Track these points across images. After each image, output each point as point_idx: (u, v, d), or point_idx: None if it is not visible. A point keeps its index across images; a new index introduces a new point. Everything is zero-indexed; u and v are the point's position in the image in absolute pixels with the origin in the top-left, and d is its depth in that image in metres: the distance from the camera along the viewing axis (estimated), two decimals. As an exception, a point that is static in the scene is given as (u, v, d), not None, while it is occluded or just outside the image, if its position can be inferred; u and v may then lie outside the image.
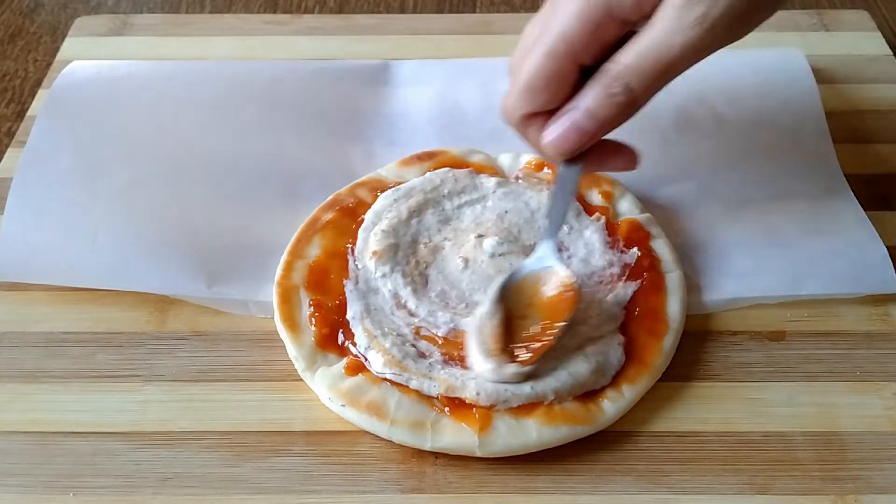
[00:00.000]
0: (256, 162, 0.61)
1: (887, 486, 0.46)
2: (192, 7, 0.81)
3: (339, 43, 0.73)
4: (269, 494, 0.46)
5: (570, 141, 0.46)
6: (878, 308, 0.54)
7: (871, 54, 0.71)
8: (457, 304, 0.52)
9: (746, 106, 0.64)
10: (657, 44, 0.43)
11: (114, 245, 0.55)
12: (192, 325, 0.53)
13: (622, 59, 0.44)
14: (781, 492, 0.46)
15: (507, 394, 0.47)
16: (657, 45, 0.43)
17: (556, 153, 0.47)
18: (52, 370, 0.51)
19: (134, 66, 0.68)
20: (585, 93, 0.45)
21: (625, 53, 0.44)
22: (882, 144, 0.64)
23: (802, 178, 0.60)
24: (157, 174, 0.59)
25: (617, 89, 0.44)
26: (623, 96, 0.44)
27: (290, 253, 0.54)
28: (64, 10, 0.80)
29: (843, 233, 0.56)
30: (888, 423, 0.48)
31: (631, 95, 0.44)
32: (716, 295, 0.54)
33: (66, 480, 0.46)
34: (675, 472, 0.47)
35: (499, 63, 0.68)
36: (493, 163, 0.60)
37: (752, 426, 0.48)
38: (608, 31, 0.44)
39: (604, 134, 0.47)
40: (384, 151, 0.62)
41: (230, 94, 0.65)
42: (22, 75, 0.73)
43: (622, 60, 0.44)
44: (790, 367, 0.51)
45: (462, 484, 0.46)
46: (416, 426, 0.47)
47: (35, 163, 0.59)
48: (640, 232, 0.55)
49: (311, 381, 0.49)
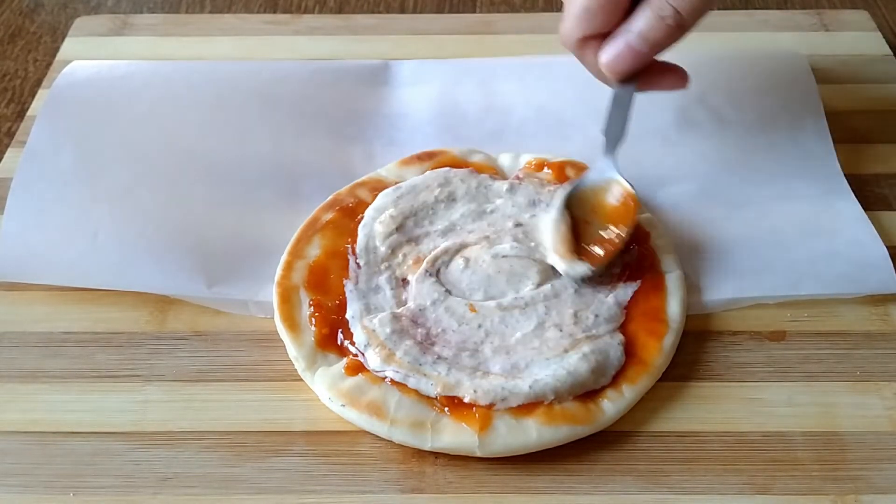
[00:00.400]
0: (256, 162, 0.61)
1: (887, 486, 0.46)
2: (192, 7, 0.81)
3: (339, 43, 0.73)
4: (269, 494, 0.46)
5: (625, 61, 0.50)
6: (878, 308, 0.54)
7: (871, 54, 0.71)
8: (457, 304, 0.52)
9: (746, 106, 0.64)
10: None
11: (114, 245, 0.55)
12: (192, 325, 0.53)
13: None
14: (781, 492, 0.46)
15: (505, 392, 0.47)
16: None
17: (612, 73, 0.50)
18: (52, 370, 0.51)
19: (134, 66, 0.68)
20: (637, 17, 0.49)
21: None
22: (882, 144, 0.64)
23: (802, 178, 0.60)
24: (157, 174, 0.59)
25: (667, 12, 0.48)
26: (672, 19, 0.48)
27: (290, 253, 0.54)
28: (64, 10, 0.80)
29: (843, 233, 0.56)
30: (888, 423, 0.49)
31: (679, 19, 0.48)
32: (716, 295, 0.54)
33: (66, 480, 0.46)
34: (675, 472, 0.47)
35: (499, 63, 0.69)
36: (493, 163, 0.61)
37: (752, 426, 0.48)
38: None
39: (655, 55, 0.50)
40: (384, 151, 0.62)
41: (230, 95, 0.65)
42: (22, 75, 0.73)
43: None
44: (790, 367, 0.51)
45: (462, 484, 0.46)
46: (416, 426, 0.47)
47: (35, 163, 0.59)
48: (640, 232, 0.55)
49: (311, 381, 0.49)
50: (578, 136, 0.62)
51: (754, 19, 0.75)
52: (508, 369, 0.48)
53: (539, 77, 0.67)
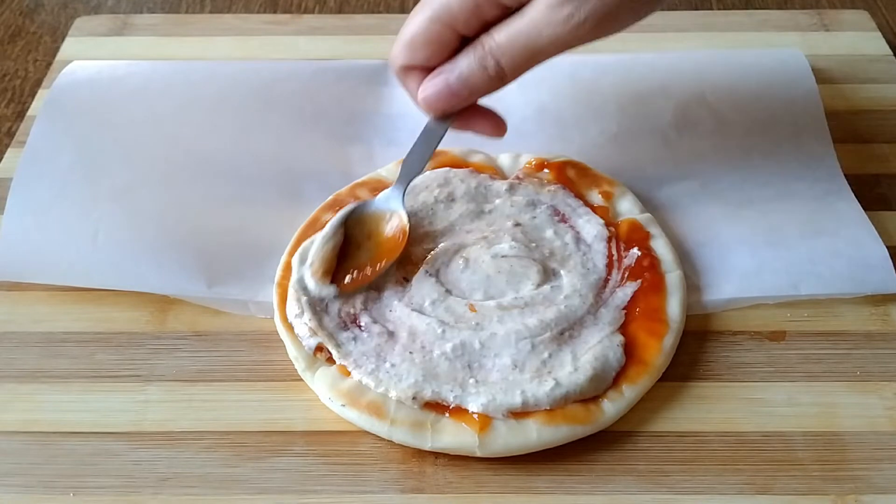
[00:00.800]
0: (256, 162, 0.61)
1: (887, 486, 0.46)
2: (192, 7, 0.81)
3: (339, 43, 0.73)
4: (269, 494, 0.46)
5: (442, 100, 0.50)
6: (878, 308, 0.54)
7: (871, 54, 0.71)
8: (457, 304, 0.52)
9: (746, 106, 0.64)
10: (527, 30, 0.46)
11: (114, 245, 0.55)
12: (192, 325, 0.53)
13: (496, 35, 0.47)
14: (781, 492, 0.46)
15: (496, 402, 0.47)
16: (527, 32, 0.46)
17: (428, 108, 0.51)
18: (52, 370, 0.51)
19: (134, 66, 0.68)
20: (461, 59, 0.49)
21: (500, 31, 0.47)
22: (882, 144, 0.64)
23: (802, 178, 0.60)
24: (157, 174, 0.59)
25: (489, 63, 0.48)
26: (493, 70, 0.48)
27: (290, 253, 0.54)
28: (64, 10, 0.80)
29: (843, 233, 0.56)
30: (888, 423, 0.49)
31: (501, 71, 0.48)
32: (716, 295, 0.54)
33: (66, 480, 0.46)
34: (675, 472, 0.47)
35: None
36: (493, 163, 0.60)
37: (752, 426, 0.48)
38: (487, 11, 0.47)
39: (474, 100, 0.51)
40: (384, 151, 0.62)
41: (230, 94, 0.65)
42: (22, 75, 0.73)
43: (496, 38, 0.47)
44: (790, 367, 0.51)
45: (462, 484, 0.46)
46: (416, 426, 0.47)
47: (35, 163, 0.59)
48: (640, 232, 0.55)
49: (311, 380, 0.49)
50: (578, 136, 0.63)
51: (754, 19, 0.75)
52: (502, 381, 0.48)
53: (539, 77, 0.67)
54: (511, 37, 0.47)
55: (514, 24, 0.47)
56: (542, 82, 0.67)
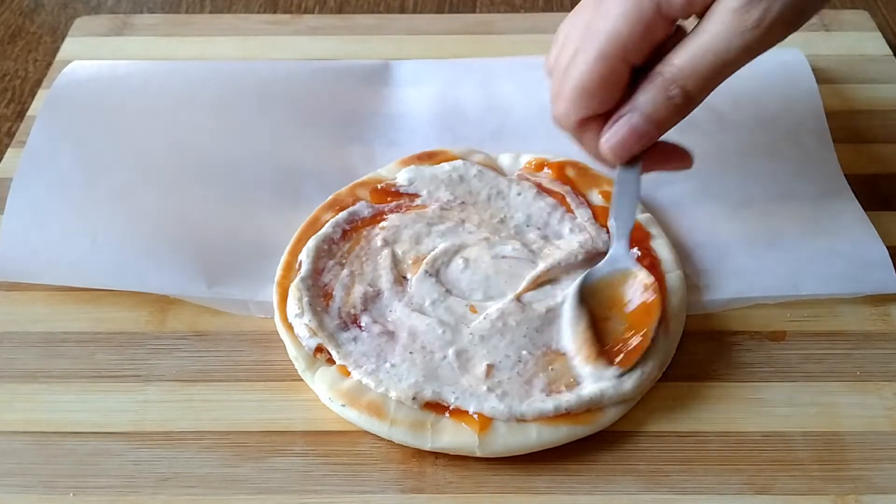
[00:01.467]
0: (256, 162, 0.61)
1: (887, 486, 0.46)
2: (192, 7, 0.81)
3: (339, 43, 0.73)
4: (269, 494, 0.46)
5: (630, 144, 0.46)
6: (878, 308, 0.54)
7: (871, 54, 0.71)
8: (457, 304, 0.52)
9: (747, 106, 0.64)
10: (714, 46, 0.43)
11: (114, 245, 0.55)
12: (192, 325, 0.53)
13: (676, 60, 0.44)
14: (781, 492, 0.46)
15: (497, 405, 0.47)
16: (714, 48, 0.43)
17: (615, 157, 0.48)
18: (52, 370, 0.51)
19: (134, 66, 0.68)
20: (641, 95, 0.45)
21: (679, 55, 0.44)
22: (882, 144, 0.64)
23: (802, 178, 0.60)
24: (157, 174, 0.59)
25: (674, 92, 0.44)
26: (680, 98, 0.44)
27: (290, 253, 0.54)
28: (64, 10, 0.80)
29: (843, 233, 0.56)
30: (888, 423, 0.49)
31: (687, 97, 0.45)
32: (716, 295, 0.54)
33: (66, 480, 0.46)
34: (675, 472, 0.47)
35: (499, 63, 0.69)
36: (493, 163, 0.60)
37: (753, 426, 0.48)
38: (658, 30, 0.44)
39: (661, 135, 0.47)
40: (384, 151, 0.62)
41: (230, 94, 0.65)
42: (22, 75, 0.73)
43: (676, 63, 0.44)
44: (790, 367, 0.51)
45: (462, 484, 0.46)
46: (416, 426, 0.47)
47: (35, 163, 0.59)
48: (640, 232, 0.55)
49: (311, 380, 0.49)
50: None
51: (754, 19, 0.75)
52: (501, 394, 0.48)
53: (539, 77, 0.67)
54: (695, 57, 0.43)
55: (695, 43, 0.43)
56: (542, 82, 0.66)
